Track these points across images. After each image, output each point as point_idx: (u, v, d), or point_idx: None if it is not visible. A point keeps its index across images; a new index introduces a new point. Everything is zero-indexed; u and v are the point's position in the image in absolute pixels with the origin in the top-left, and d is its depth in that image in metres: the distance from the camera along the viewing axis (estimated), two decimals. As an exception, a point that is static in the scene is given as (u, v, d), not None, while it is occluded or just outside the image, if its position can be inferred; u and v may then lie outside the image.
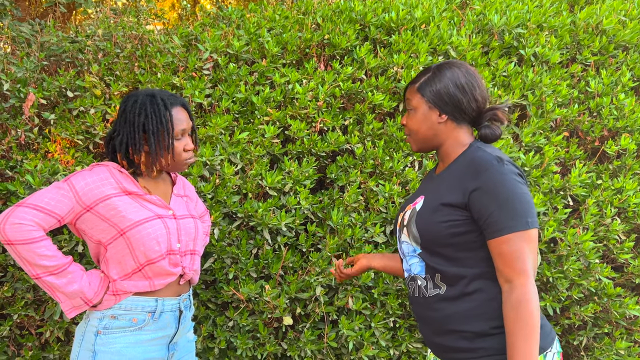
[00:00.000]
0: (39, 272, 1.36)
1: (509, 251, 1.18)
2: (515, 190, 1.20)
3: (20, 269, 2.10)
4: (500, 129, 1.36)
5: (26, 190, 2.04)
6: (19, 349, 2.16)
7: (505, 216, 1.18)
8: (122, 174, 1.48)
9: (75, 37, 2.62)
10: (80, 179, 1.42)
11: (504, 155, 1.27)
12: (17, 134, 2.18)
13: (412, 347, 2.21)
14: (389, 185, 2.24)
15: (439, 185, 1.34)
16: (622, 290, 2.33)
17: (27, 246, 1.33)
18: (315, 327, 2.23)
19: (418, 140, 1.39)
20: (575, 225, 2.36)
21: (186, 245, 1.55)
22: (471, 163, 1.27)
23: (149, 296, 1.48)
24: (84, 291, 1.41)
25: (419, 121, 1.37)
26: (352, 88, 2.39)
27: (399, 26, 2.60)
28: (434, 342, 1.35)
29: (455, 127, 1.36)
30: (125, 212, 1.43)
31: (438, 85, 1.34)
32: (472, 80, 1.34)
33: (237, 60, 2.50)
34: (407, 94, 1.41)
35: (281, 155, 2.33)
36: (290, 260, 2.18)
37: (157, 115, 1.46)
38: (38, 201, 1.36)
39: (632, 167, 2.46)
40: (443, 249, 1.28)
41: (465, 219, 1.25)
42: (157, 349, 1.50)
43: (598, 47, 2.69)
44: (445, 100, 1.33)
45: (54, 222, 1.38)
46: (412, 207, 1.38)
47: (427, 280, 1.33)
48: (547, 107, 2.48)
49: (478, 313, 1.25)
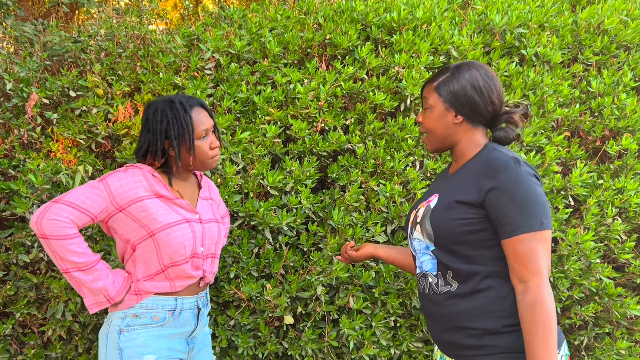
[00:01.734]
0: (69, 267, 1.42)
1: (524, 251, 1.19)
2: (531, 192, 1.20)
3: (23, 268, 2.11)
4: (514, 132, 1.37)
5: (29, 189, 2.05)
6: (21, 348, 2.17)
7: (521, 217, 1.19)
8: (154, 177, 1.54)
9: (78, 37, 2.63)
10: (115, 180, 1.47)
11: (520, 157, 1.28)
12: (20, 133, 2.19)
13: (413, 347, 2.22)
14: (390, 185, 2.24)
15: (454, 184, 1.34)
16: (624, 291, 2.33)
17: (61, 242, 1.38)
18: (317, 326, 2.23)
19: (434, 139, 1.40)
20: (576, 225, 2.36)
21: (209, 249, 1.60)
22: (488, 163, 1.28)
23: (169, 296, 1.54)
24: (108, 289, 1.47)
25: (435, 120, 1.38)
26: (354, 88, 2.40)
27: (400, 26, 2.61)
28: (442, 340, 1.35)
29: (470, 128, 1.36)
30: (156, 214, 1.48)
31: (456, 86, 1.34)
32: (490, 83, 1.34)
33: (239, 60, 2.51)
34: (425, 92, 1.42)
35: (283, 155, 2.33)
36: (291, 260, 2.18)
37: (178, 120, 1.50)
38: (74, 199, 1.42)
39: (634, 167, 2.46)
40: (457, 246, 1.29)
41: (481, 218, 1.25)
42: (178, 343, 1.57)
43: (600, 47, 2.69)
44: (462, 102, 1.33)
45: (88, 220, 1.44)
46: (427, 205, 1.38)
47: (439, 277, 1.33)
48: (549, 107, 2.48)
49: (489, 311, 1.25)
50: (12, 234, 2.11)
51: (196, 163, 1.55)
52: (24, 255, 2.07)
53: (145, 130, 1.54)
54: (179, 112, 1.50)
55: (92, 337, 2.19)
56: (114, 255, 2.12)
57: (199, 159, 1.55)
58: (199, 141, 1.53)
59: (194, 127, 1.52)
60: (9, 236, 2.11)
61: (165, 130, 1.51)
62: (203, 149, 1.54)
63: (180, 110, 1.51)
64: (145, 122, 1.54)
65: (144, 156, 1.56)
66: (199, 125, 1.53)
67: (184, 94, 1.60)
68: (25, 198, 2.05)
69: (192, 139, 1.51)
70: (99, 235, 2.15)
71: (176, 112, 1.51)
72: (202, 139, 1.54)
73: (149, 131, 1.53)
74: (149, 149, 1.54)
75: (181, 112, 1.50)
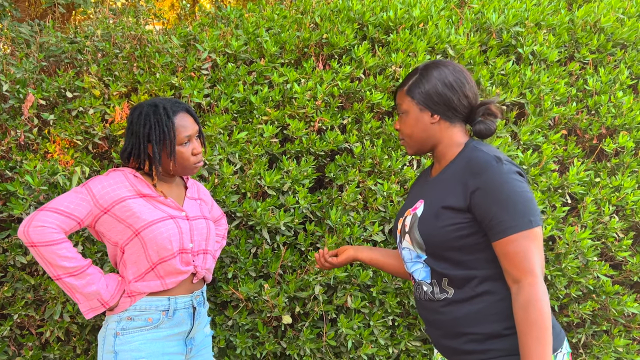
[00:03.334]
0: (60, 273, 1.43)
1: (515, 252, 1.16)
2: (516, 190, 1.18)
3: (20, 270, 2.11)
4: (495, 124, 1.33)
5: (26, 190, 2.05)
6: (19, 349, 2.17)
7: (508, 217, 1.17)
8: (136, 178, 1.56)
9: (74, 38, 2.62)
10: (97, 183, 1.50)
11: (501, 154, 1.25)
12: (16, 134, 2.19)
13: (411, 346, 2.22)
14: (388, 184, 2.24)
15: (438, 188, 1.32)
16: (621, 288, 2.34)
17: (49, 248, 1.40)
18: (315, 325, 2.23)
19: (413, 143, 1.38)
20: (573, 223, 2.37)
21: (199, 245, 1.62)
22: (469, 163, 1.25)
23: (161, 295, 1.54)
24: (101, 293, 1.48)
25: (411, 124, 1.36)
26: (351, 87, 2.40)
27: (397, 25, 2.61)
28: (443, 345, 1.33)
29: (449, 126, 1.34)
30: (140, 212, 1.50)
31: (426, 85, 1.32)
32: (460, 77, 1.32)
33: (235, 60, 2.50)
34: (397, 98, 1.40)
35: (280, 155, 2.33)
36: (289, 259, 2.18)
37: (160, 125, 1.52)
38: (58, 205, 1.44)
39: (630, 164, 2.47)
40: (449, 253, 1.26)
41: (469, 222, 1.23)
42: (174, 344, 1.57)
43: (596, 45, 2.69)
44: (435, 100, 1.32)
45: (74, 224, 1.46)
46: (413, 213, 1.35)
47: (433, 285, 1.31)
48: (545, 105, 2.48)
49: (488, 314, 1.23)
50: (9, 235, 2.11)
51: (176, 168, 1.57)
52: (21, 256, 2.07)
53: (129, 132, 1.57)
54: (162, 117, 1.52)
55: (89, 338, 2.18)
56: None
57: (180, 164, 1.56)
58: (181, 147, 1.55)
59: (176, 133, 1.53)
60: (5, 237, 2.11)
61: (147, 134, 1.53)
62: (184, 155, 1.56)
63: (163, 115, 1.52)
64: (129, 125, 1.57)
65: (127, 158, 1.58)
66: (181, 130, 1.54)
67: (172, 98, 1.62)
68: (22, 199, 2.05)
69: (173, 144, 1.53)
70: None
71: (159, 116, 1.52)
72: (184, 144, 1.56)
73: (132, 134, 1.55)
74: (132, 151, 1.56)
75: (164, 117, 1.52)
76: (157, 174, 1.58)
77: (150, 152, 1.55)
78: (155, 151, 1.53)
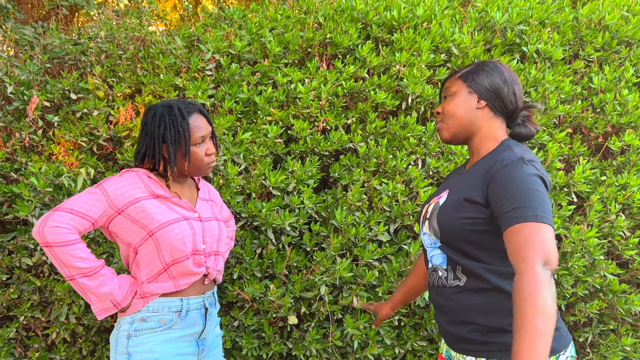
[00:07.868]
0: (74, 274, 1.43)
1: (516, 240, 1.12)
2: (529, 187, 1.15)
3: (26, 271, 2.11)
4: (535, 129, 1.36)
5: (31, 192, 2.05)
6: (25, 351, 2.17)
7: (513, 208, 1.14)
8: (150, 178, 1.56)
9: (77, 40, 2.63)
10: (111, 183, 1.50)
11: (531, 156, 1.23)
12: (21, 136, 2.19)
13: (417, 345, 2.21)
14: (392, 183, 2.24)
15: (464, 181, 1.33)
16: (628, 287, 2.33)
17: (64, 248, 1.40)
18: (320, 326, 2.23)
19: (452, 125, 1.38)
20: (579, 221, 2.36)
21: (211, 247, 1.62)
22: (496, 160, 1.25)
23: (174, 296, 1.55)
24: (114, 294, 1.48)
25: (456, 104, 1.37)
26: (355, 87, 2.39)
27: (400, 24, 2.60)
28: (448, 332, 1.34)
29: (492, 116, 1.36)
30: (154, 213, 1.50)
31: (481, 74, 1.36)
32: (513, 76, 1.37)
33: (239, 60, 2.50)
34: (447, 83, 1.42)
35: (284, 155, 2.33)
36: (294, 260, 2.18)
37: (175, 126, 1.53)
38: (73, 205, 1.44)
39: (636, 163, 2.46)
40: (461, 244, 1.28)
41: (487, 218, 1.23)
42: (187, 345, 1.57)
43: (601, 43, 2.68)
44: (487, 86, 1.35)
45: (88, 224, 1.46)
46: (437, 201, 1.37)
47: (449, 271, 1.33)
48: (550, 103, 2.47)
49: (495, 309, 1.24)
50: (15, 237, 2.11)
51: (191, 168, 1.58)
52: (27, 258, 2.07)
53: (143, 133, 1.57)
54: (177, 118, 1.53)
55: (95, 340, 2.19)
56: (117, 258, 2.12)
57: (194, 164, 1.57)
58: (195, 147, 1.56)
59: (191, 133, 1.54)
60: (11, 239, 2.11)
61: (162, 134, 1.53)
62: (198, 155, 1.56)
63: (178, 116, 1.53)
64: (144, 125, 1.57)
65: (142, 159, 1.59)
66: (195, 131, 1.55)
67: (185, 99, 1.62)
68: (27, 201, 2.05)
69: (188, 145, 1.53)
70: (101, 238, 2.15)
71: (174, 117, 1.53)
72: (199, 145, 1.56)
73: (147, 134, 1.56)
74: (146, 152, 1.56)
75: (178, 118, 1.53)
76: (172, 175, 1.58)
77: (165, 152, 1.55)
78: (170, 151, 1.53)
